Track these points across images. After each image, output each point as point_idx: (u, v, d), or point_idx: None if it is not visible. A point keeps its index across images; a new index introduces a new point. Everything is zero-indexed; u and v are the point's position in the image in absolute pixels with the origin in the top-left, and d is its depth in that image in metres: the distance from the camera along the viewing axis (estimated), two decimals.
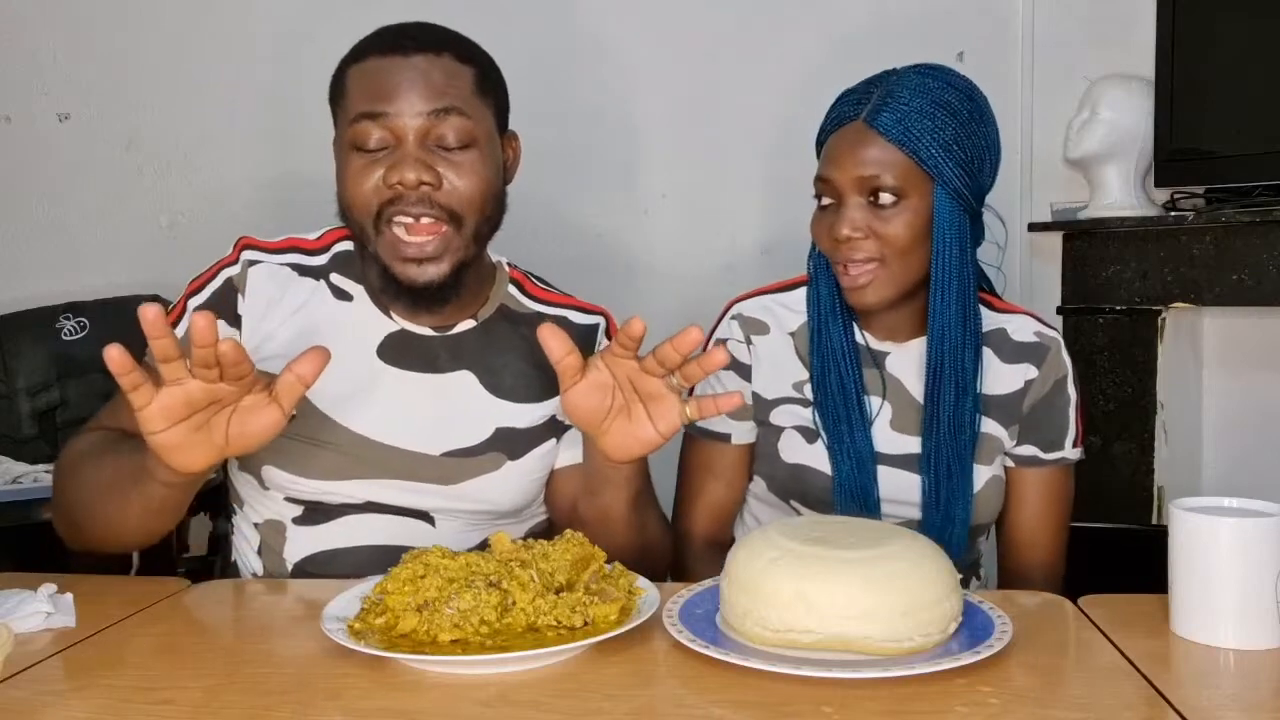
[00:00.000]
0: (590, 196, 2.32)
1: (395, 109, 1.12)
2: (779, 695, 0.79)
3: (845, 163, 1.19)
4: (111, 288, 2.33)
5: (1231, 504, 0.93)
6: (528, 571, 0.91)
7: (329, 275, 1.24)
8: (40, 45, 2.46)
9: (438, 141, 1.13)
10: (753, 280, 1.37)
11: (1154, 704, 0.78)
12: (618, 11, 2.30)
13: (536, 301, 1.31)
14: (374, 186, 1.13)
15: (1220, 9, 1.99)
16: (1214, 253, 1.97)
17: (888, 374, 1.29)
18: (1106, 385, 2.15)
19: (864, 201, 1.19)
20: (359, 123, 1.13)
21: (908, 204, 1.19)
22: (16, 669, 0.88)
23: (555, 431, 1.26)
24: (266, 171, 2.38)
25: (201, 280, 1.22)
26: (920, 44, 2.21)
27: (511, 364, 1.25)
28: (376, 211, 1.14)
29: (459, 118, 1.13)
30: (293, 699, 0.81)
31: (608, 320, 1.32)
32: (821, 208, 1.24)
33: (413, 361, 1.22)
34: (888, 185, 1.18)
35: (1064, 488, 1.30)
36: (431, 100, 1.12)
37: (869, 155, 1.18)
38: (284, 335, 1.20)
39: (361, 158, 1.14)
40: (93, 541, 1.13)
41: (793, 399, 1.29)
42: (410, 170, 1.11)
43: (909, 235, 1.19)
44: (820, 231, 1.24)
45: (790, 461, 1.28)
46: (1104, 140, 2.09)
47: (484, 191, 1.16)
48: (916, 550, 0.89)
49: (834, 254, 1.22)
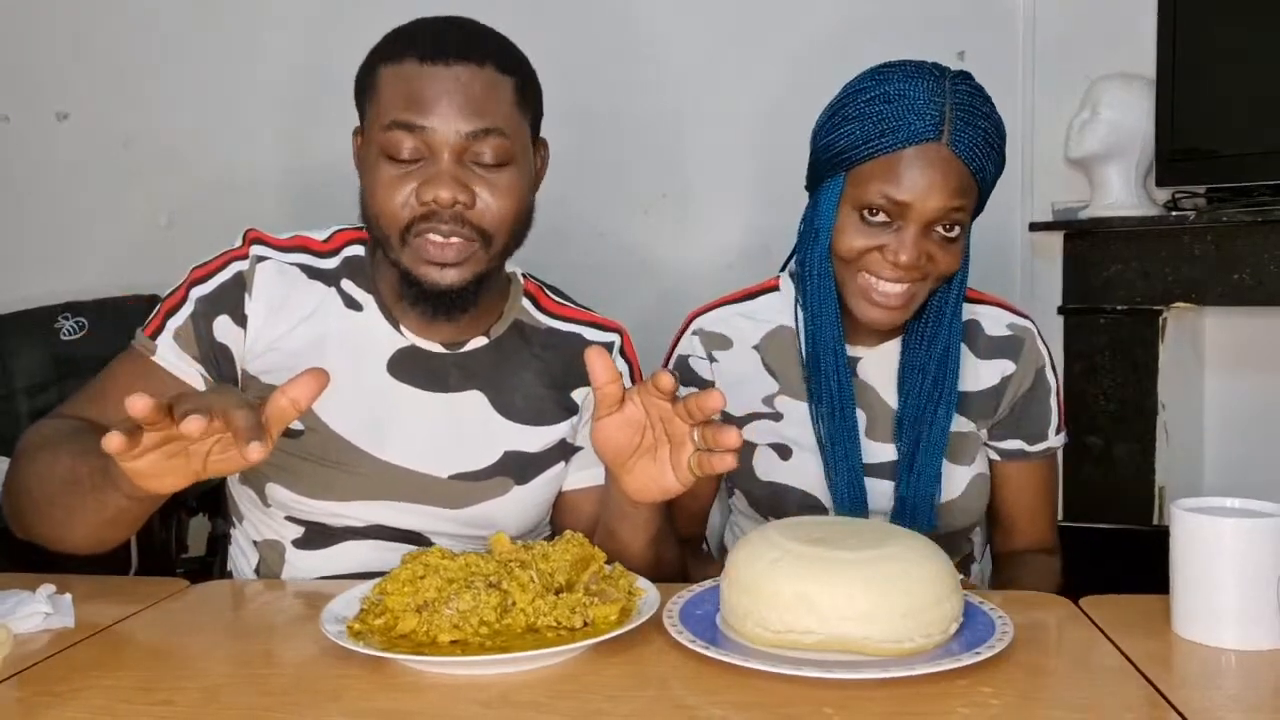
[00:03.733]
0: (590, 196, 2.32)
1: (433, 125, 1.06)
2: (779, 696, 0.79)
3: (927, 190, 1.09)
4: (110, 287, 2.33)
5: (1233, 504, 0.92)
6: (527, 572, 0.91)
7: (340, 282, 1.19)
8: (40, 45, 2.46)
9: (474, 159, 1.08)
10: (753, 280, 1.37)
11: (1155, 705, 0.78)
12: (618, 12, 2.30)
13: (550, 317, 1.26)
14: (405, 200, 1.08)
15: (1221, 9, 1.99)
16: (1215, 252, 1.97)
17: (860, 381, 1.25)
18: (1107, 385, 2.15)
19: (932, 231, 1.12)
20: (393, 131, 1.07)
21: (964, 233, 1.15)
22: (16, 669, 0.88)
23: (564, 454, 1.23)
24: (266, 171, 2.38)
25: (208, 269, 1.16)
26: (920, 44, 2.19)
27: (523, 385, 1.21)
28: (406, 225, 1.09)
29: (498, 138, 1.08)
30: (293, 699, 0.81)
31: (623, 338, 1.28)
32: (866, 220, 1.14)
33: (423, 379, 1.18)
34: (959, 219, 1.12)
35: (1052, 474, 1.30)
36: (472, 120, 1.07)
37: (953, 185, 1.10)
38: (292, 345, 1.15)
39: (394, 168, 1.08)
40: (37, 537, 1.07)
41: (762, 414, 1.26)
42: (445, 189, 1.06)
43: (956, 263, 1.15)
44: (858, 242, 1.14)
45: (766, 480, 1.25)
46: (1105, 140, 2.09)
47: (517, 211, 1.11)
48: (917, 551, 0.89)
49: (877, 268, 1.14)
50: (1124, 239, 2.10)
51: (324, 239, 1.21)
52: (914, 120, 1.10)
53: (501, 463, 1.19)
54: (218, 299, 1.15)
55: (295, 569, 1.19)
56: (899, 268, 1.12)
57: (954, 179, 1.10)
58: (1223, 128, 1.97)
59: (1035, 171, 2.26)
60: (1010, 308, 1.30)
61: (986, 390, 1.26)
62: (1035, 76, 2.24)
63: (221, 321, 1.15)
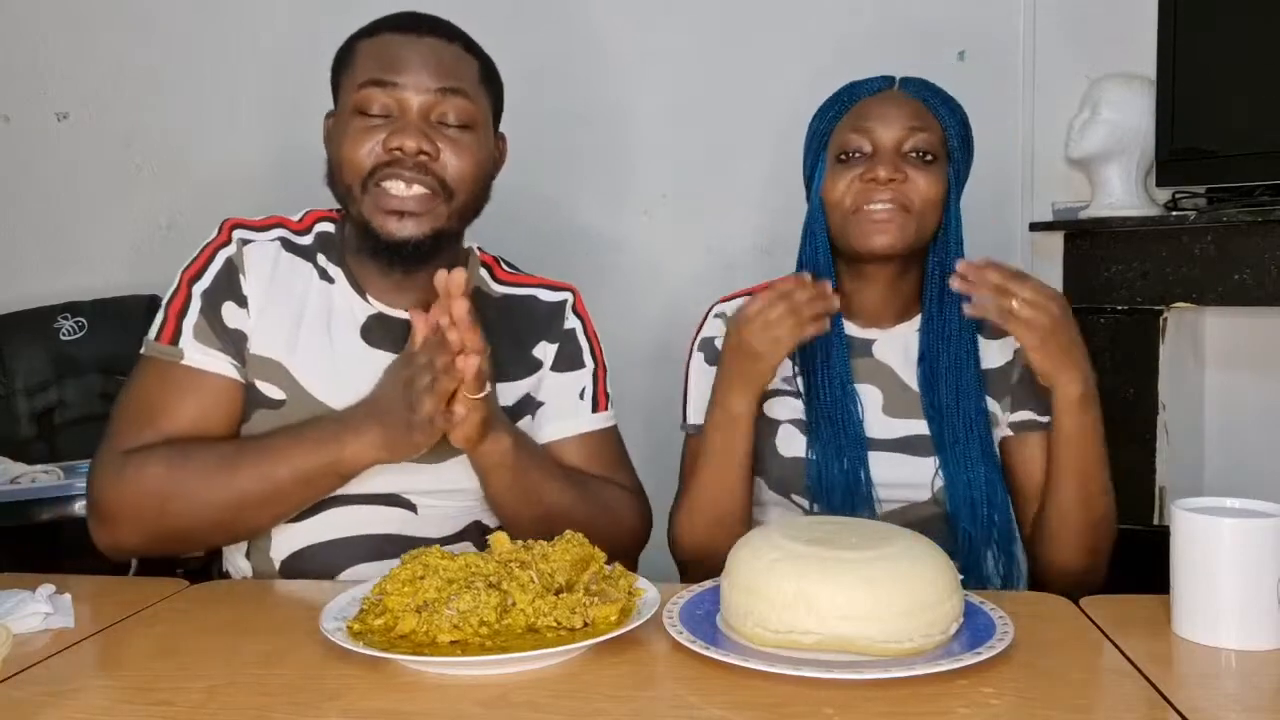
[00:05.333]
0: (590, 196, 2.32)
1: (404, 80, 1.15)
2: (779, 696, 0.79)
3: (889, 117, 1.25)
4: (110, 288, 2.33)
5: (1233, 504, 0.93)
6: (527, 572, 0.91)
7: (315, 257, 1.25)
8: (40, 45, 2.46)
9: (440, 118, 1.17)
10: (753, 280, 1.37)
11: (1155, 704, 0.78)
12: (619, 13, 2.30)
13: (504, 285, 1.33)
14: (370, 149, 1.15)
15: (1221, 9, 1.99)
16: (1215, 252, 1.97)
17: (876, 360, 1.30)
18: (1107, 385, 2.13)
19: (903, 153, 1.25)
20: (366, 88, 1.16)
21: (938, 166, 1.26)
22: (16, 669, 0.88)
23: (529, 409, 1.28)
24: (266, 171, 2.38)
25: (197, 265, 1.21)
26: (921, 44, 2.21)
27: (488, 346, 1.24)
28: (369, 171, 1.16)
29: (463, 99, 1.18)
30: (292, 699, 0.81)
31: (575, 295, 1.34)
32: (845, 162, 1.27)
33: (395, 344, 1.22)
34: (927, 144, 1.25)
35: None
36: (440, 79, 1.16)
37: (910, 112, 1.25)
38: (277, 317, 1.20)
39: (363, 121, 1.16)
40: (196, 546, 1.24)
41: (785, 391, 1.30)
42: (411, 138, 1.14)
43: (937, 195, 1.25)
44: (843, 183, 1.25)
45: (788, 456, 1.28)
46: (1105, 140, 2.09)
47: (476, 172, 1.19)
48: (917, 551, 0.89)
49: (863, 195, 1.24)
50: (1124, 239, 2.10)
51: (297, 219, 1.28)
52: (867, 83, 1.30)
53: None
54: (217, 289, 1.19)
55: (283, 542, 1.20)
56: (879, 182, 1.23)
57: (910, 108, 1.26)
58: (1223, 128, 1.97)
59: (1035, 171, 2.26)
60: None
61: (1000, 368, 1.30)
62: (1035, 76, 2.24)
63: (228, 308, 1.20)
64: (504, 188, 1.28)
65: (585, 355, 1.32)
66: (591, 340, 1.33)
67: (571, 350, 1.31)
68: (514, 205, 1.24)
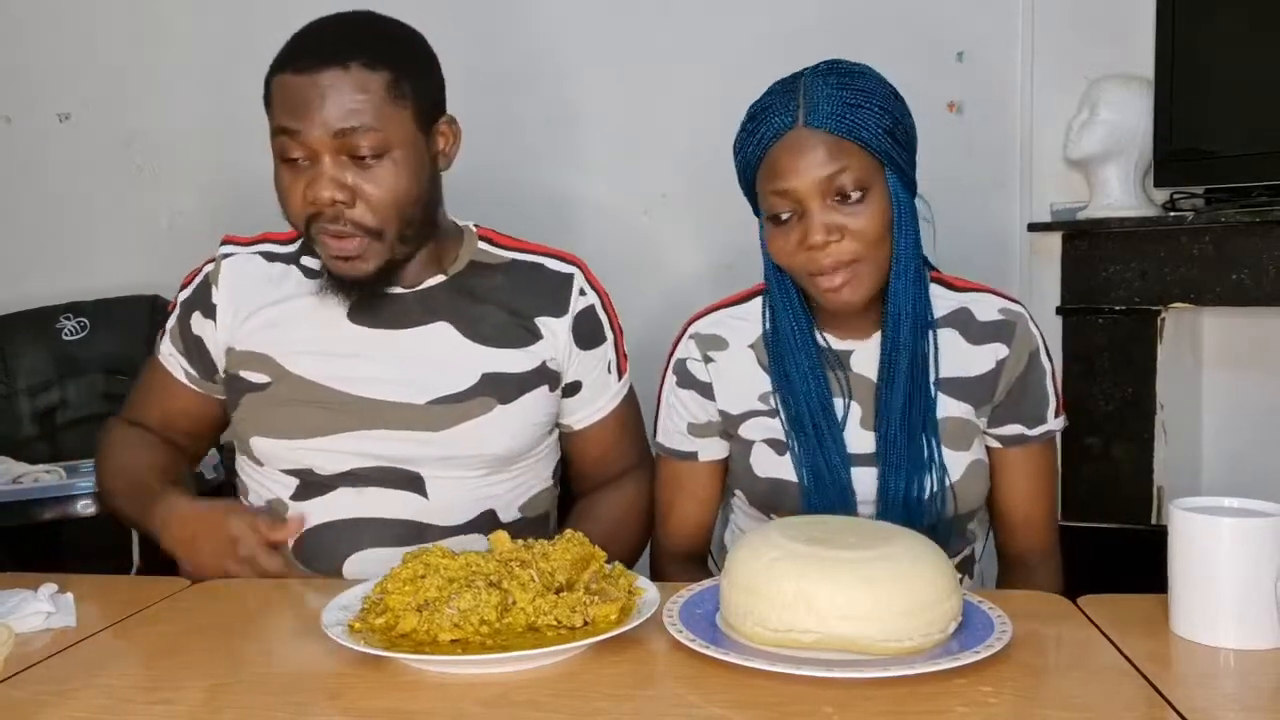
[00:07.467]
0: (591, 197, 2.32)
1: (305, 127, 1.16)
2: (779, 695, 0.79)
3: (802, 168, 1.14)
4: (111, 288, 2.33)
5: (1231, 504, 0.93)
6: (528, 571, 0.91)
7: (300, 259, 1.32)
8: (41, 46, 2.46)
9: (351, 153, 1.17)
10: (753, 280, 1.37)
11: (1154, 704, 0.78)
12: (619, 13, 2.30)
13: (509, 250, 1.34)
14: (299, 199, 1.19)
15: (1220, 9, 1.99)
16: (1213, 253, 1.97)
17: (853, 374, 1.27)
18: (1106, 385, 2.15)
19: (829, 204, 1.15)
20: (279, 136, 1.19)
21: (872, 195, 1.16)
22: (16, 669, 0.88)
23: (547, 379, 1.29)
24: (266, 171, 2.38)
25: (190, 277, 1.36)
26: (920, 44, 2.21)
27: (490, 314, 1.29)
28: (306, 222, 1.21)
29: (369, 131, 1.17)
30: (293, 699, 0.81)
31: (582, 269, 1.35)
32: (779, 224, 1.18)
33: (386, 319, 1.27)
34: (852, 181, 1.15)
35: (1052, 460, 1.30)
36: (341, 118, 1.16)
37: (824, 155, 1.14)
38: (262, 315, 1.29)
39: (288, 169, 1.20)
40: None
41: (760, 411, 1.27)
42: (324, 189, 1.17)
43: (880, 226, 1.16)
44: (783, 247, 1.19)
45: (764, 476, 1.26)
46: (1104, 140, 2.09)
47: (399, 200, 1.20)
48: (917, 550, 0.90)
49: (807, 265, 1.17)
50: (1122, 239, 2.10)
51: (285, 233, 1.34)
52: (771, 119, 1.18)
53: (481, 384, 1.25)
54: (193, 300, 1.34)
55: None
56: (812, 250, 1.16)
57: (820, 149, 1.15)
58: (1221, 128, 1.98)
59: (1034, 172, 2.26)
60: (1001, 294, 1.31)
61: (982, 376, 1.26)
62: (1035, 77, 2.24)
63: (196, 318, 1.33)
64: (504, 186, 1.29)
65: (605, 328, 1.35)
66: (609, 311, 1.36)
67: (592, 326, 1.33)
68: (514, 205, 1.24)
